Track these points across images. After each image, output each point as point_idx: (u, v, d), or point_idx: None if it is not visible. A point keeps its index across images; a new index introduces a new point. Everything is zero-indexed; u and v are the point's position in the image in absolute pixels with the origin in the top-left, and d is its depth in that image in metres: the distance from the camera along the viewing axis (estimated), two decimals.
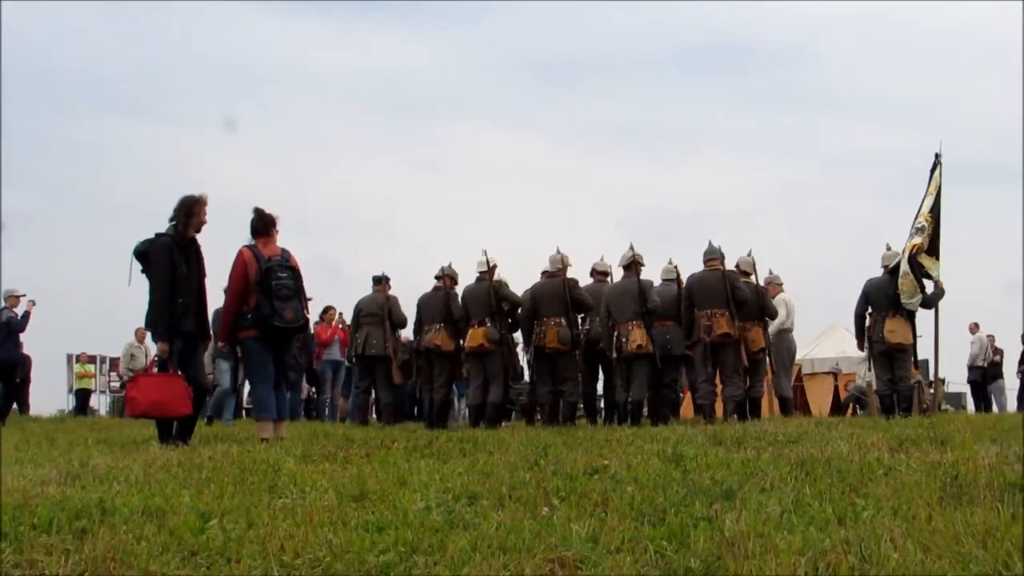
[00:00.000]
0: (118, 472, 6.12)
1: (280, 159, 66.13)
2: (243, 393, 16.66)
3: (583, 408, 14.00)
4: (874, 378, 13.39)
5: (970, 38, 65.75)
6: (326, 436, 9.70)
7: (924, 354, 14.70)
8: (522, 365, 13.54)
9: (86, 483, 5.67)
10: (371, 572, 3.53)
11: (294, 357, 12.90)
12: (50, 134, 62.00)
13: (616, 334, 12.26)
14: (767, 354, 13.17)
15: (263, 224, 9.23)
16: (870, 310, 12.80)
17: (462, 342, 13.17)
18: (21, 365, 16.86)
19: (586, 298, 12.64)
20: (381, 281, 14.84)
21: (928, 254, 12.67)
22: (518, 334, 13.35)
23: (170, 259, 8.55)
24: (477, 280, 12.98)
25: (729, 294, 12.26)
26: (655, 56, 72.71)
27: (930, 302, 12.75)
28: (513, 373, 13.35)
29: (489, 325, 12.60)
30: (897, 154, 63.24)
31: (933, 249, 12.75)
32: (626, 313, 12.19)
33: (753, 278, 13.20)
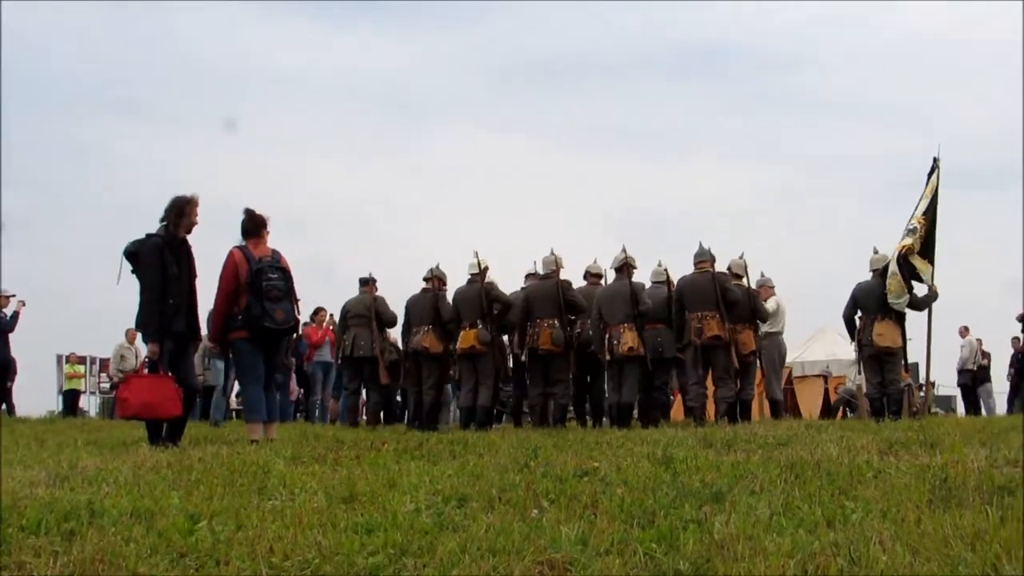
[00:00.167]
0: (107, 474, 6.10)
1: (273, 160, 66.04)
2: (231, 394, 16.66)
3: (572, 410, 13.98)
4: (864, 381, 13.41)
5: (965, 41, 65.84)
6: (316, 438, 9.69)
7: (914, 357, 14.73)
8: (509, 367, 13.54)
9: (75, 485, 5.66)
10: (360, 574, 3.52)
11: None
12: (41, 134, 61.92)
13: (608, 336, 12.26)
14: (758, 356, 13.19)
15: (254, 225, 9.22)
16: (859, 313, 12.82)
17: (452, 345, 13.17)
18: (9, 366, 16.82)
19: (579, 300, 12.63)
20: (368, 282, 14.81)
21: (922, 257, 12.70)
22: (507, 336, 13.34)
23: (160, 260, 8.54)
24: (468, 282, 12.95)
25: (719, 296, 12.26)
26: (650, 58, 72.76)
27: (922, 305, 12.77)
28: (504, 375, 13.36)
29: (480, 327, 12.59)
30: (888, 157, 63.51)
31: (927, 252, 12.77)
32: (617, 315, 12.18)
33: (745, 281, 13.19)
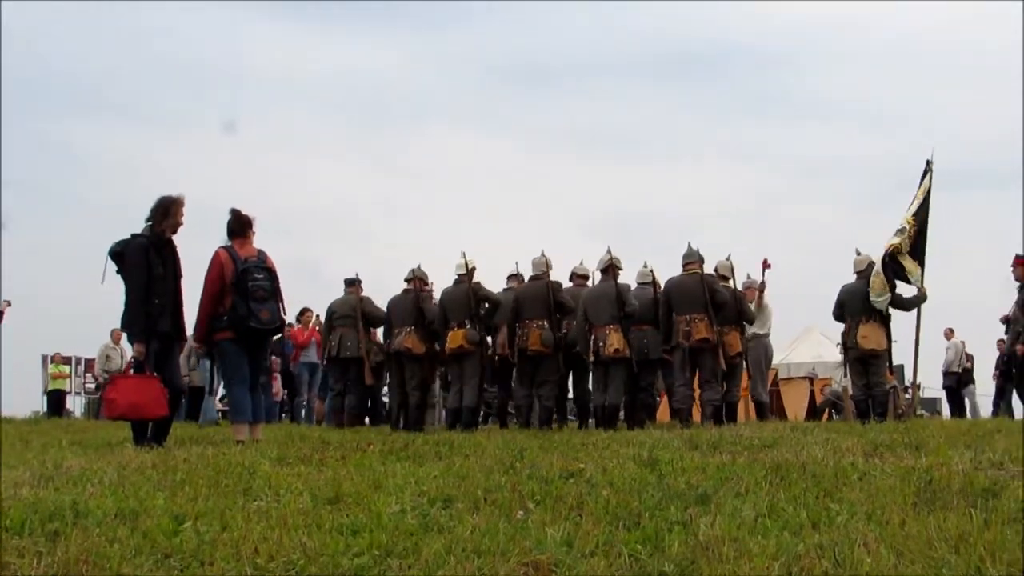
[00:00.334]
0: (92, 474, 6.09)
1: (259, 161, 65.90)
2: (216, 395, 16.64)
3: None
4: (850, 383, 13.44)
5: (955, 44, 66.23)
6: (302, 439, 9.67)
7: (899, 359, 14.78)
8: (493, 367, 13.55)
9: (59, 485, 5.64)
10: (345, 575, 3.52)
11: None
12: (23, 133, 61.66)
13: (593, 338, 12.27)
14: (744, 358, 13.21)
15: (240, 225, 9.20)
16: (845, 316, 12.84)
17: (437, 346, 13.17)
18: None
19: (569, 301, 12.63)
20: (353, 283, 14.80)
21: (912, 258, 12.72)
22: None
23: (146, 260, 8.52)
24: (456, 282, 12.94)
25: (708, 298, 12.25)
26: (637, 61, 72.79)
27: (908, 305, 12.80)
28: (489, 376, 13.37)
29: (469, 327, 12.59)
30: (874, 159, 63.76)
31: (916, 254, 12.79)
32: (603, 317, 12.18)
33: (731, 282, 13.21)
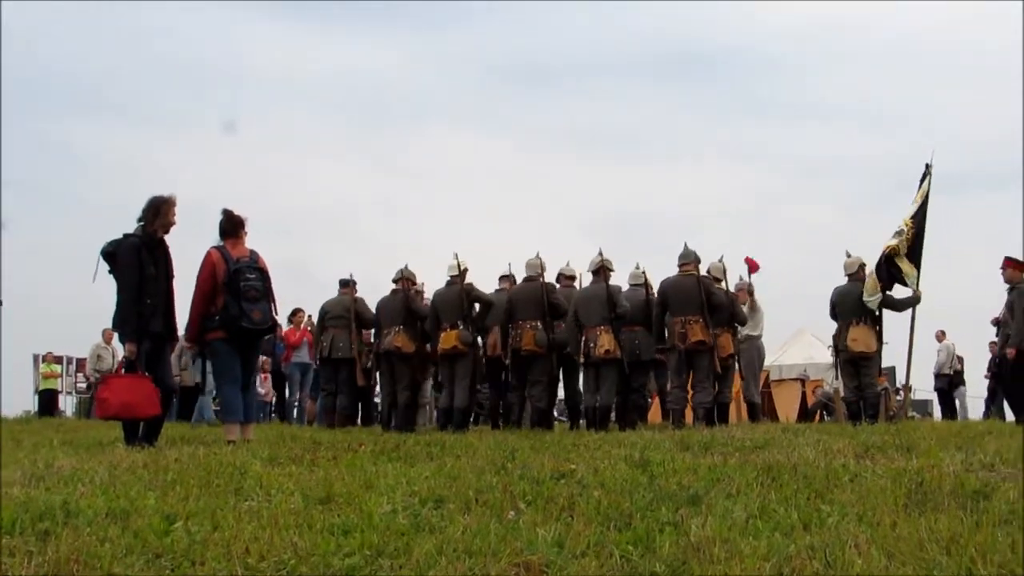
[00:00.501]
0: (83, 474, 6.07)
1: (255, 161, 65.84)
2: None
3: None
4: (841, 385, 13.46)
5: (951, 44, 66.29)
6: (293, 439, 9.65)
7: (891, 361, 14.80)
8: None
9: (50, 485, 5.63)
10: (336, 575, 3.52)
11: None
12: (23, 133, 61.56)
13: (584, 339, 12.28)
14: (736, 360, 13.21)
15: (232, 225, 9.19)
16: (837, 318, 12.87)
17: (427, 345, 13.18)
18: None
19: (563, 303, 12.64)
20: (348, 284, 14.80)
21: (909, 260, 12.75)
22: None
23: (138, 259, 8.51)
24: (448, 283, 12.94)
25: (704, 300, 12.24)
26: (635, 61, 72.82)
27: (900, 306, 12.82)
28: (480, 376, 13.37)
29: (462, 328, 12.59)
30: (867, 161, 63.85)
31: (914, 257, 12.82)
32: (594, 318, 12.20)
33: (723, 284, 13.21)
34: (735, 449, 7.50)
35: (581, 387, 13.16)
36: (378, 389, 14.94)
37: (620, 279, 13.06)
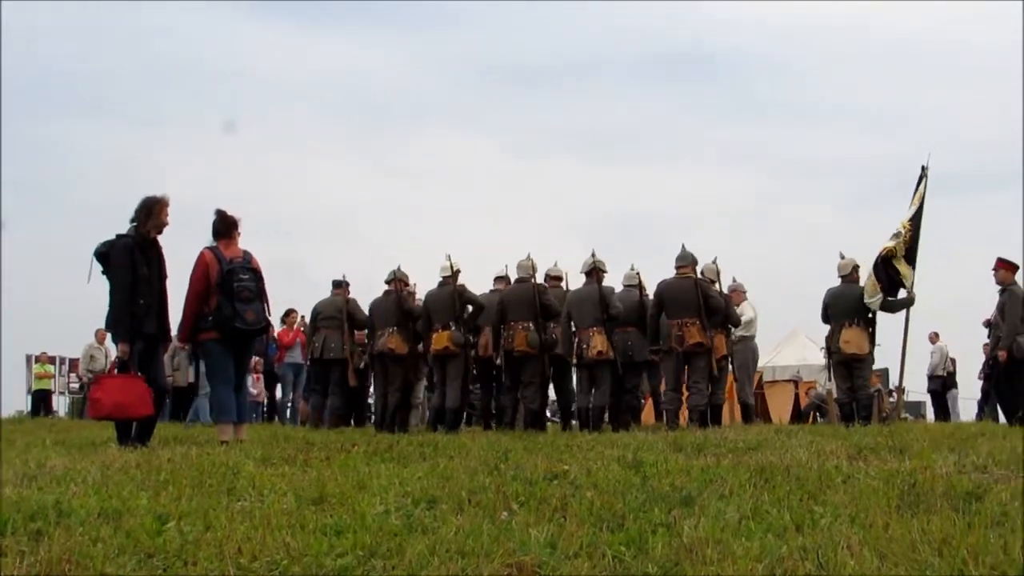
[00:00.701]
0: (75, 474, 6.07)
1: (245, 161, 65.77)
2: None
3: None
4: (834, 386, 13.45)
5: (949, 45, 66.41)
6: (286, 439, 9.65)
7: (884, 363, 14.80)
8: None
9: (43, 484, 5.62)
10: (328, 575, 3.52)
11: None
12: (13, 133, 61.42)
13: (577, 340, 12.28)
14: (730, 361, 13.21)
15: (225, 226, 9.18)
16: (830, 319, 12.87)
17: (420, 346, 13.18)
18: None
19: (554, 304, 12.61)
20: (341, 285, 14.81)
21: (906, 261, 12.76)
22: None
23: (131, 260, 8.50)
24: (440, 284, 12.93)
25: (701, 303, 12.22)
26: (629, 62, 72.84)
27: (895, 307, 12.82)
28: (472, 377, 13.37)
29: (453, 329, 12.58)
30: (860, 163, 63.96)
31: (911, 258, 12.83)
32: (587, 319, 12.20)
33: (717, 285, 13.20)
34: (728, 450, 7.50)
35: (573, 388, 13.16)
36: (372, 390, 14.95)
37: (613, 280, 13.06)
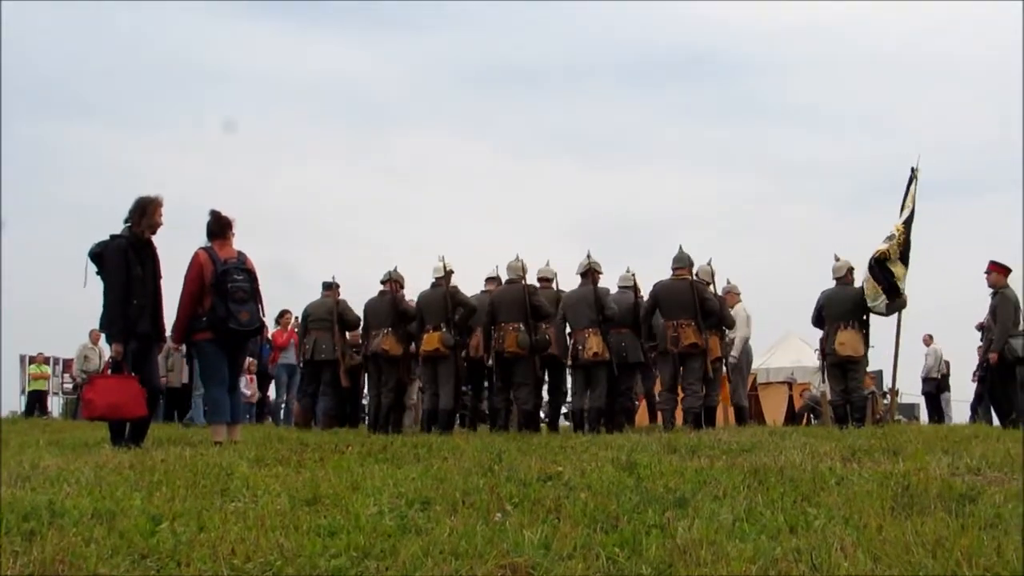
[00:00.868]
0: (69, 474, 6.06)
1: (238, 162, 65.70)
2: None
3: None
4: (828, 388, 13.46)
5: (931, 50, 66.46)
6: (280, 440, 9.64)
7: (878, 365, 14.82)
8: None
9: (36, 485, 5.61)
10: None
11: None
12: (6, 133, 61.27)
13: (573, 342, 12.29)
14: (723, 363, 13.22)
15: (219, 226, 9.18)
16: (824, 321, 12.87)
17: (413, 347, 13.18)
18: None
19: (544, 305, 12.61)
20: (331, 286, 14.82)
21: (901, 263, 12.77)
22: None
23: (125, 260, 8.49)
24: (433, 285, 12.94)
25: (697, 305, 12.22)
26: (620, 64, 72.75)
27: (891, 310, 12.82)
28: (463, 378, 13.37)
29: (444, 330, 12.58)
30: (852, 164, 64.02)
31: (905, 259, 12.84)
32: (583, 321, 12.21)
33: (712, 287, 13.21)
34: (722, 452, 7.51)
35: (565, 389, 13.20)
36: (366, 391, 14.94)
37: (608, 282, 13.07)
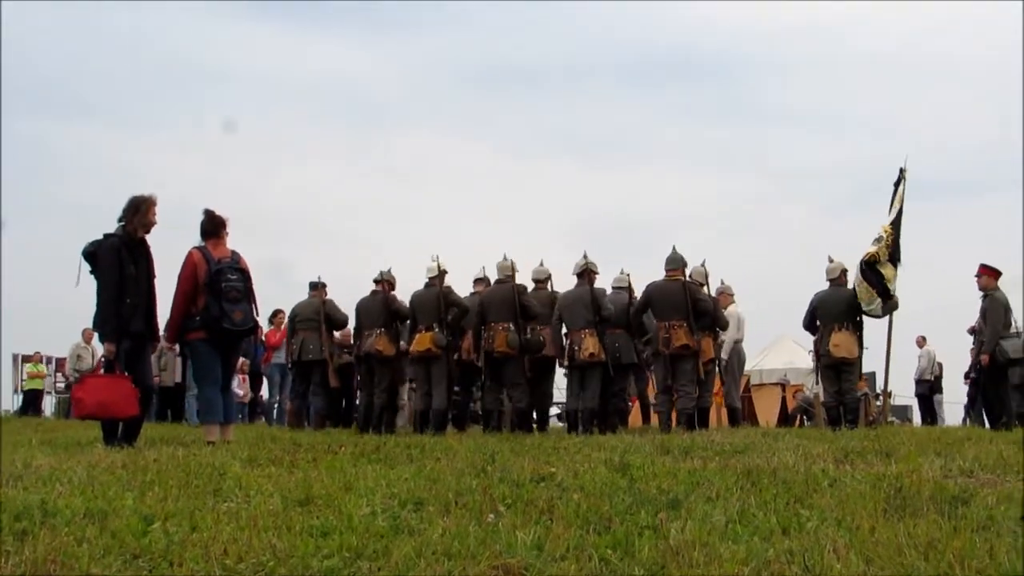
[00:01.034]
0: (61, 473, 6.05)
1: (234, 161, 65.68)
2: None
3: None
4: (821, 390, 13.47)
5: (922, 52, 66.49)
6: (273, 440, 9.64)
7: (871, 367, 14.83)
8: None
9: (28, 484, 5.60)
10: None
11: None
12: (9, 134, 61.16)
13: (569, 342, 12.30)
14: (716, 364, 13.22)
15: (213, 226, 9.17)
16: (818, 323, 12.88)
17: (402, 343, 13.18)
18: None
19: (533, 304, 12.61)
20: (317, 286, 14.85)
21: (891, 264, 12.77)
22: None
23: (118, 259, 8.48)
24: (426, 285, 12.93)
25: (690, 306, 12.21)
26: (617, 65, 72.82)
27: (883, 312, 12.83)
28: (455, 379, 13.38)
29: (437, 330, 12.58)
30: (845, 167, 64.09)
31: (895, 260, 12.85)
32: (579, 321, 12.22)
33: (706, 288, 13.21)
34: (715, 453, 7.52)
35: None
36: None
37: (604, 283, 13.08)
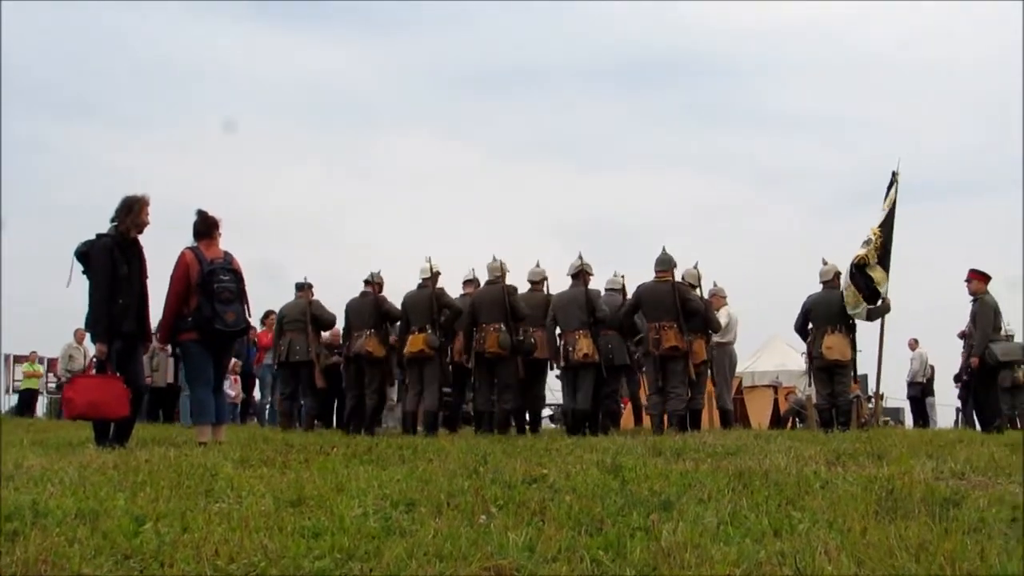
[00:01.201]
0: (52, 474, 6.04)
1: (222, 162, 65.58)
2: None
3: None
4: (814, 392, 13.49)
5: (914, 55, 66.54)
6: (265, 441, 9.64)
7: (863, 369, 14.84)
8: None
9: (19, 484, 5.59)
10: None
11: None
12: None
13: (563, 343, 12.30)
14: (708, 366, 13.22)
15: (206, 226, 9.16)
16: (811, 325, 12.89)
17: (392, 341, 13.19)
18: None
19: (521, 306, 12.62)
20: (303, 287, 14.85)
21: (880, 267, 12.80)
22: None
23: (110, 260, 8.46)
24: (419, 287, 12.94)
25: (679, 307, 12.21)
26: (603, 68, 72.83)
27: (874, 315, 12.85)
28: (447, 380, 13.39)
29: (430, 331, 12.58)
30: (838, 169, 64.22)
31: (884, 263, 12.87)
32: (573, 322, 12.23)
33: (697, 290, 13.21)
34: (707, 455, 7.52)
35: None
36: None
37: (597, 285, 13.07)
